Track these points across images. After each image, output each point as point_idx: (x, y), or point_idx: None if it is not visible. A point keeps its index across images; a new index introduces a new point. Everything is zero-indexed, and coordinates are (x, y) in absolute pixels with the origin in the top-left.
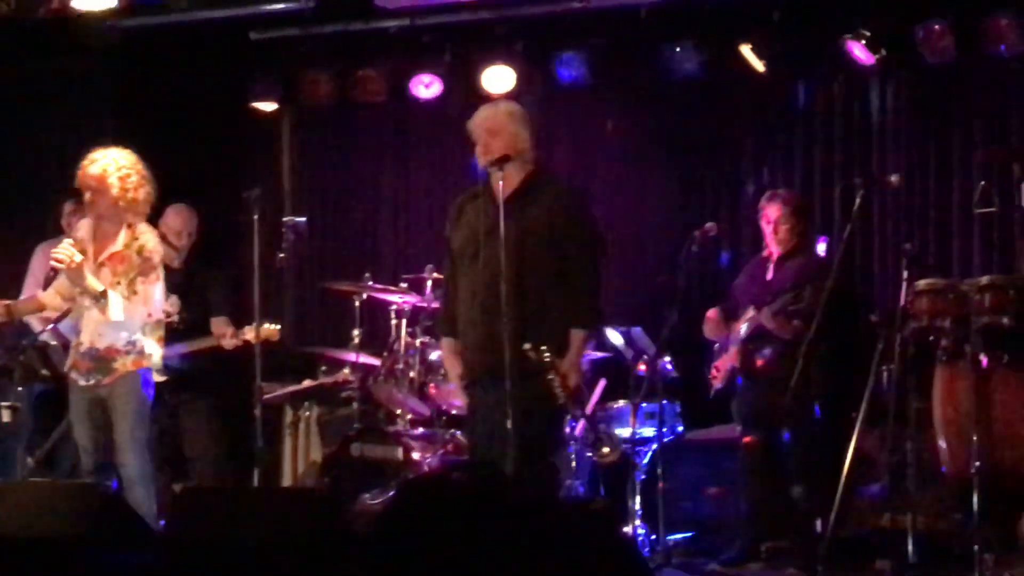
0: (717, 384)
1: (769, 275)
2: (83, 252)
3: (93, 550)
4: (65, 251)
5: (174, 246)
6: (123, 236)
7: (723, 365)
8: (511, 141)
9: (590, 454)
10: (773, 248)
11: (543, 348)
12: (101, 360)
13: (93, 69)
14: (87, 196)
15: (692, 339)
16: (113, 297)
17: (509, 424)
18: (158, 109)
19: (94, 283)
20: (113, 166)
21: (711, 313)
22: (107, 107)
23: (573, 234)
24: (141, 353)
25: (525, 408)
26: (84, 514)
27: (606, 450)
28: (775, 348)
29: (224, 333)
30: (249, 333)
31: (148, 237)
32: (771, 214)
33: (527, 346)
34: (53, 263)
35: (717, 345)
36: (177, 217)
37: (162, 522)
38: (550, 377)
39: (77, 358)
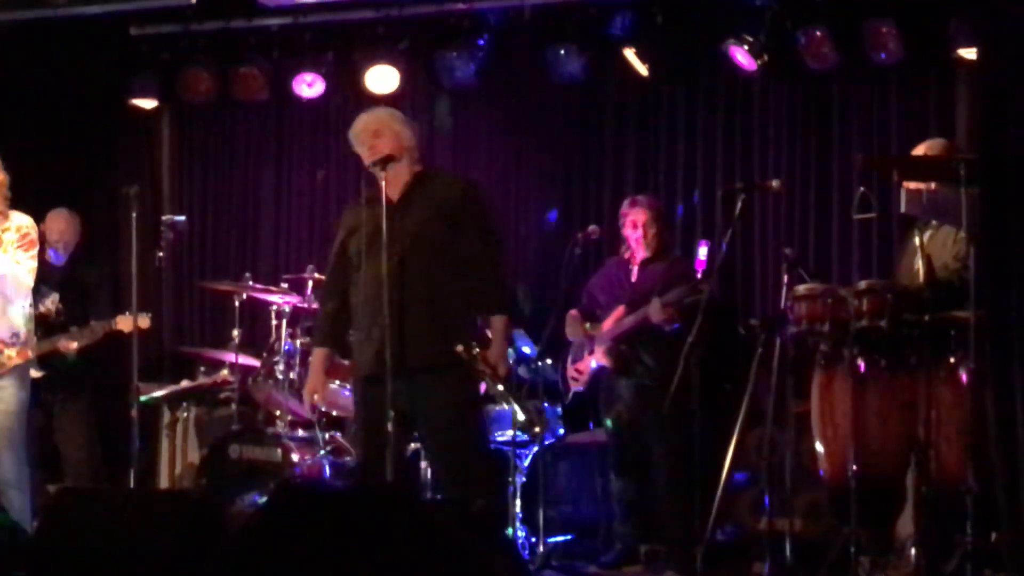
0: (578, 387)
1: (633, 277)
2: None
3: None
4: None
5: (55, 250)
6: None
7: (586, 367)
8: (396, 140)
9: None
10: (640, 252)
11: (472, 344)
12: None
13: None
14: None
15: (569, 342)
16: None
17: (390, 426)
18: (35, 105)
19: None
20: None
21: (574, 312)
22: None
23: (472, 224)
24: (25, 344)
25: (446, 401)
26: None
27: (537, 430)
28: (652, 348)
29: (95, 333)
30: (120, 323)
31: (22, 217)
32: (638, 219)
33: (460, 347)
34: None
35: (574, 347)
36: (57, 222)
37: (35, 523)
38: (480, 369)
39: None
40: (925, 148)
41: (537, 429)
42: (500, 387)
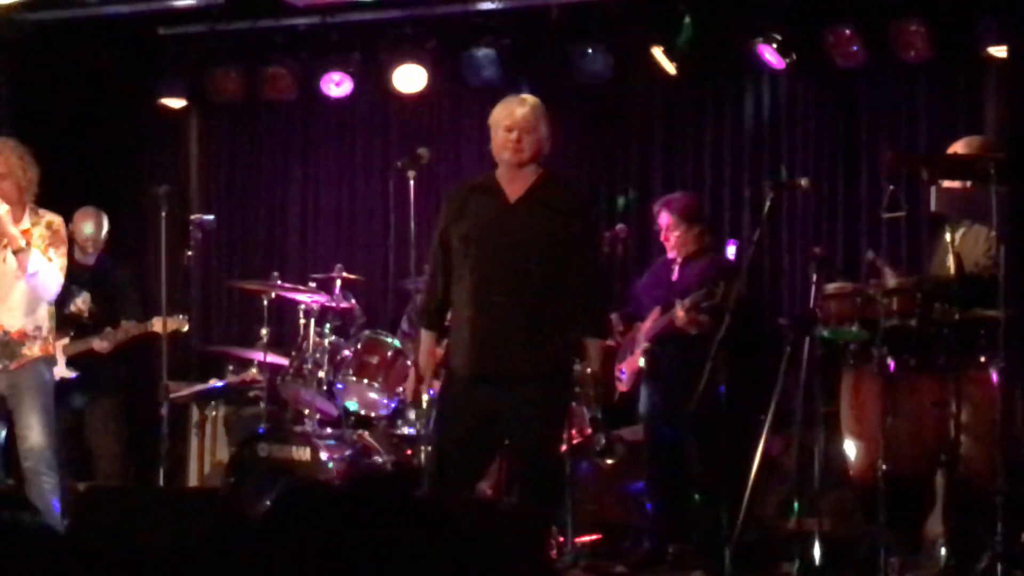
0: (623, 387)
1: (674, 276)
2: None
3: None
4: None
5: (83, 249)
6: (28, 217)
7: (629, 367)
8: (540, 143)
9: (597, 459)
10: (670, 252)
11: (584, 365)
12: (9, 344)
13: None
14: None
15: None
16: (35, 252)
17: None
18: (64, 105)
19: (16, 231)
20: (13, 151)
21: (612, 318)
22: (9, 103)
23: (585, 242)
24: (47, 340)
25: (539, 412)
26: None
27: (609, 462)
28: (679, 350)
29: (129, 331)
30: (157, 324)
31: (52, 216)
32: (661, 222)
33: (577, 367)
34: None
35: (622, 347)
36: (85, 221)
37: (65, 521)
38: (585, 391)
39: None
40: (961, 146)
41: (609, 461)
42: (597, 408)
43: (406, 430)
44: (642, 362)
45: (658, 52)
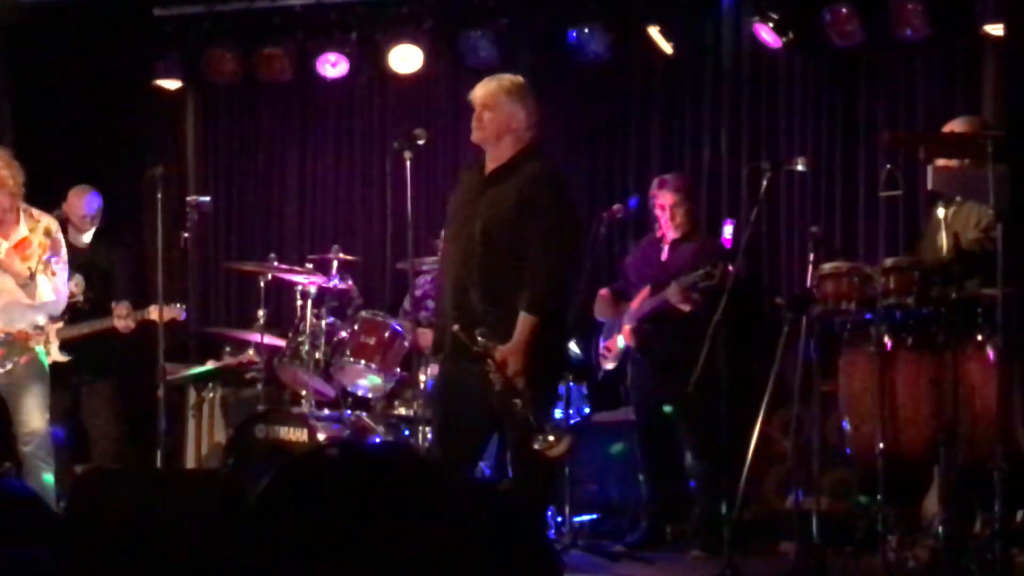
0: (608, 364)
1: (664, 256)
2: None
3: None
4: None
5: (78, 228)
6: (24, 222)
7: (614, 345)
8: (504, 120)
9: (536, 447)
10: (669, 232)
11: (477, 332)
12: (14, 344)
13: None
14: None
15: (599, 321)
16: (41, 279)
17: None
18: (60, 87)
19: (21, 267)
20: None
21: (603, 292)
22: (5, 85)
23: (538, 215)
24: (48, 337)
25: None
26: None
27: (552, 439)
28: (672, 328)
29: (122, 315)
30: (153, 312)
31: (48, 219)
32: (665, 201)
33: (456, 327)
34: None
35: (607, 325)
36: (80, 199)
37: (62, 503)
38: (486, 366)
39: None
40: (958, 124)
41: (552, 438)
42: (501, 387)
43: (404, 410)
44: (622, 342)
45: (654, 31)
